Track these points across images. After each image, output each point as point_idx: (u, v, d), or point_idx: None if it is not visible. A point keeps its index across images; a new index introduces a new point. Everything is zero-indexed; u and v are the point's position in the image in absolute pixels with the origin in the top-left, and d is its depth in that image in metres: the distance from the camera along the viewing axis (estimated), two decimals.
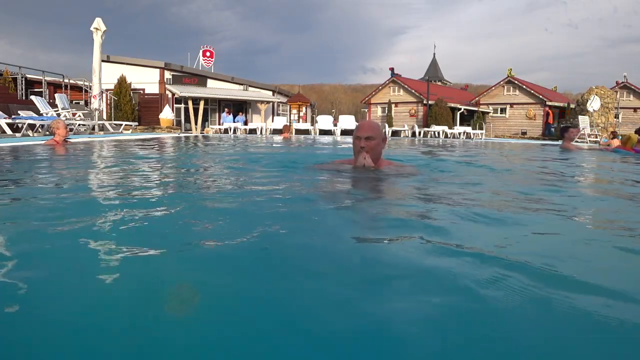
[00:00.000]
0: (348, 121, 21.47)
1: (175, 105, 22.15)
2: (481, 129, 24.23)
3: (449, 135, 22.12)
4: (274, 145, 9.31)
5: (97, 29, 14.11)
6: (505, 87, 31.45)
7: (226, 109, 22.48)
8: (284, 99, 28.09)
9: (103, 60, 15.54)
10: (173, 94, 21.96)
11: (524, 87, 30.80)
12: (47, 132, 9.44)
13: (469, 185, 2.92)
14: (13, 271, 1.11)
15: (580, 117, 20.08)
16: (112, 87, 19.52)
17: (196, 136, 14.51)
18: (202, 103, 21.87)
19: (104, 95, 17.20)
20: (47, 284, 1.04)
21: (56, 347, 0.76)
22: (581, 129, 18.51)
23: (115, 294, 0.99)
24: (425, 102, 27.76)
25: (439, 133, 22.21)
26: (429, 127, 23.85)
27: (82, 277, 1.08)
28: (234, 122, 21.15)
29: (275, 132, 19.23)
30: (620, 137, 12.90)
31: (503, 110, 31.45)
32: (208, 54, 24.95)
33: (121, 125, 15.31)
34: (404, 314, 0.88)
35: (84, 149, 6.09)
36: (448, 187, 2.82)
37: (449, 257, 1.26)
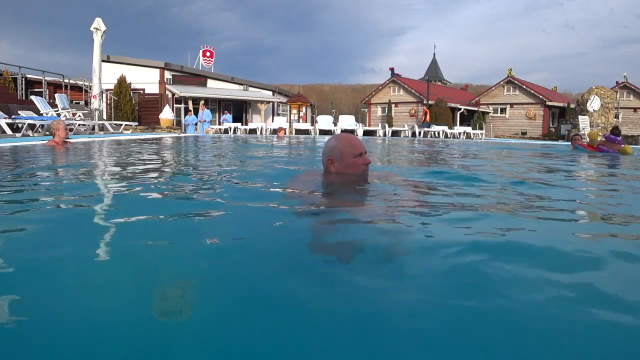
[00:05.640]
0: (348, 121, 21.49)
1: (175, 105, 22.13)
2: (481, 129, 24.23)
3: (449, 135, 22.11)
4: (272, 144, 9.32)
5: (97, 29, 14.11)
6: (505, 87, 31.46)
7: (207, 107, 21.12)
8: (284, 99, 28.09)
9: (103, 60, 15.54)
10: (173, 94, 21.95)
11: (524, 87, 30.81)
12: (47, 132, 9.44)
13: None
14: (13, 271, 1.11)
15: (580, 117, 20.08)
16: (112, 87, 19.51)
17: (196, 136, 14.52)
18: (202, 103, 21.83)
19: (104, 95, 17.19)
20: (47, 283, 1.04)
21: (57, 347, 0.77)
22: (581, 129, 18.53)
23: (114, 293, 0.99)
24: (425, 102, 27.77)
25: (439, 133, 22.20)
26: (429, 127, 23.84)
27: (82, 277, 1.09)
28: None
29: (274, 132, 19.38)
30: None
31: (503, 110, 31.47)
32: (208, 54, 24.94)
33: (121, 125, 15.32)
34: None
35: (84, 149, 6.09)
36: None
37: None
